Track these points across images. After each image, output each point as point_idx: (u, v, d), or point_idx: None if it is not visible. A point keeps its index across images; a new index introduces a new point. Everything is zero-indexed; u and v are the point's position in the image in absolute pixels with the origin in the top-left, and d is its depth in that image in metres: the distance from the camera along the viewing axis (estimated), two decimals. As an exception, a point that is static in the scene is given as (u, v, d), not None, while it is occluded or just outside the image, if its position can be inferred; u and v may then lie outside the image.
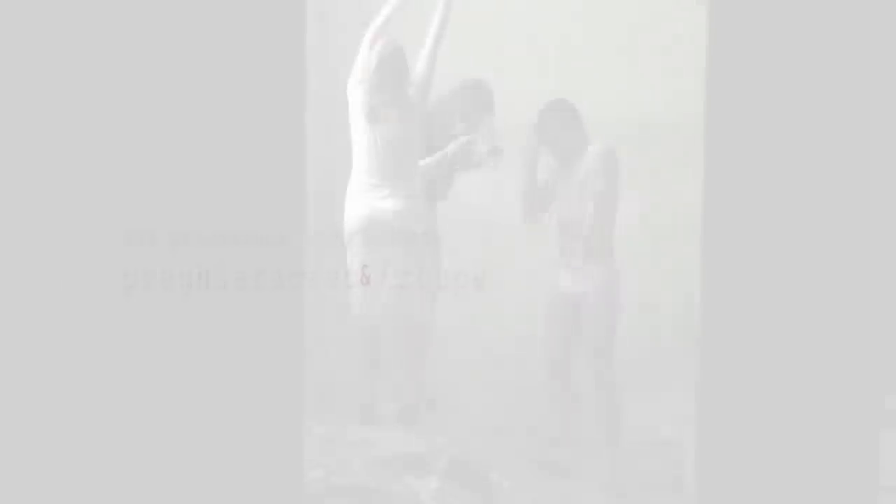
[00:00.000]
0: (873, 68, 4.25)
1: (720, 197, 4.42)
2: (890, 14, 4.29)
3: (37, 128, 4.30)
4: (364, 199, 6.82)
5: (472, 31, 7.91)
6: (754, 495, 4.41)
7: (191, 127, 4.30)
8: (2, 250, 4.31)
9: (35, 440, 4.37)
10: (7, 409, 4.34)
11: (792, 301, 4.34)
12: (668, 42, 7.98)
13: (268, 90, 4.33)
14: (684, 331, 7.80)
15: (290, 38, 4.38)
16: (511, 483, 7.05)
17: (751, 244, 4.37)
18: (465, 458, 6.77)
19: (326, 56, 7.95)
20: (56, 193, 4.33)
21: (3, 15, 4.27)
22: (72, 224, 4.32)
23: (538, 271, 7.37)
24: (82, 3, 4.26)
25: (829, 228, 4.30)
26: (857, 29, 4.24)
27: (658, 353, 8.20)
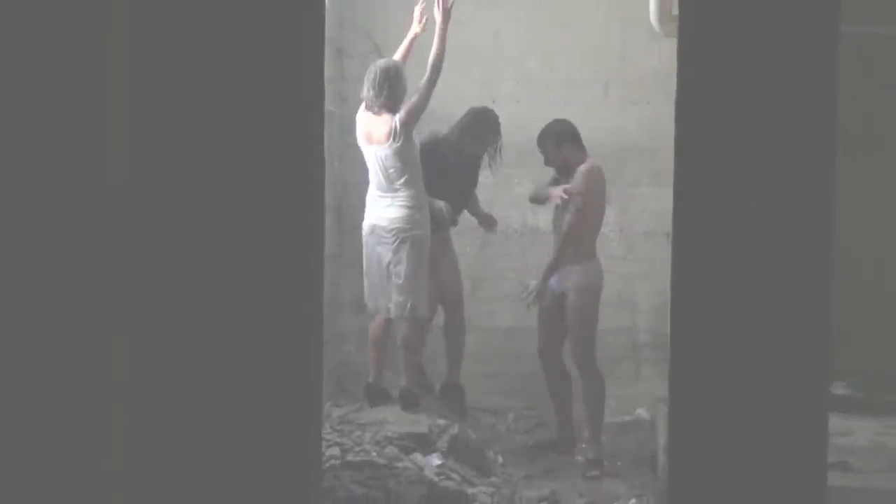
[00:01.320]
0: (825, 89, 4.38)
1: (688, 207, 4.47)
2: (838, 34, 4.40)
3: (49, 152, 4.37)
4: (373, 208, 7.19)
5: (470, 65, 8.18)
6: (717, 469, 4.47)
7: (227, 140, 4.44)
8: (20, 245, 4.37)
9: (44, 430, 4.40)
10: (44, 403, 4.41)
11: (751, 299, 4.43)
12: (643, 72, 8.16)
13: (291, 114, 4.47)
14: (658, 324, 8.11)
15: (311, 69, 4.52)
16: (505, 459, 7.30)
17: (715, 248, 4.44)
18: (465, 437, 6.96)
19: (342, 85, 8.30)
20: (85, 201, 4.40)
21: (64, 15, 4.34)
22: (102, 227, 4.41)
23: (531, 272, 7.62)
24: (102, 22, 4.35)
25: (783, 236, 4.42)
26: (812, 56, 4.38)
27: (635, 344, 8.44)
